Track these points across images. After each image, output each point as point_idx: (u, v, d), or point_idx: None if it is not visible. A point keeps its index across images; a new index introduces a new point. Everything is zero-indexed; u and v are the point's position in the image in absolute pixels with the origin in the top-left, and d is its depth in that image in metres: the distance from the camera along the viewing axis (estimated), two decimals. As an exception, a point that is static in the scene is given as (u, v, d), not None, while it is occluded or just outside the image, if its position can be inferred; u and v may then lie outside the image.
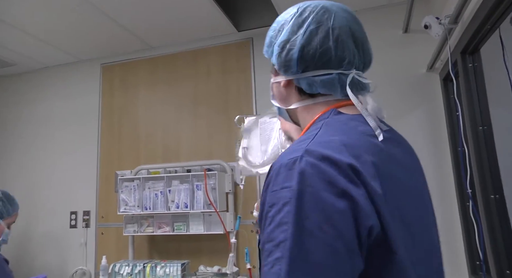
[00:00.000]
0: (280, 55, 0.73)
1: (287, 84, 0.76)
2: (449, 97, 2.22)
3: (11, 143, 3.46)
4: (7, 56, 3.14)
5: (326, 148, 0.57)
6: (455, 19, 1.76)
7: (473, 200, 1.76)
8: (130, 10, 2.49)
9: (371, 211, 0.54)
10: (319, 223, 0.52)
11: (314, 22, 0.70)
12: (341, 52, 0.69)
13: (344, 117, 0.67)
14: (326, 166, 0.55)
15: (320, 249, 0.51)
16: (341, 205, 0.53)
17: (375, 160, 0.59)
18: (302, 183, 0.54)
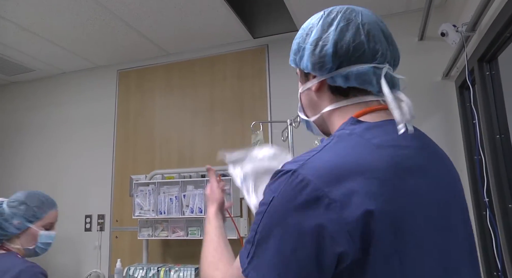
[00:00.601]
0: (314, 52, 0.71)
1: (319, 87, 0.74)
2: (465, 105, 2.21)
3: (28, 147, 3.54)
4: (26, 62, 3.23)
5: (316, 170, 0.57)
6: (473, 27, 1.76)
7: (490, 209, 1.75)
8: (149, 18, 2.55)
9: (345, 237, 0.53)
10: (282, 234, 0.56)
11: (343, 20, 0.70)
12: (373, 44, 0.69)
13: (361, 127, 0.65)
14: (309, 188, 0.55)
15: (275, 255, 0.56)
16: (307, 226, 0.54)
17: (377, 177, 0.57)
18: (282, 195, 0.58)
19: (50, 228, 1.52)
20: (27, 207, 1.47)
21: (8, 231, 1.43)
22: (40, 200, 1.51)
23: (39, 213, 1.48)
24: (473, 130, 2.05)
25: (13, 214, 1.45)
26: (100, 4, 2.34)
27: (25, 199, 1.49)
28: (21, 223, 1.45)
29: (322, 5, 2.51)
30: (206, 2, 2.36)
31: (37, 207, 1.49)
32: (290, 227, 0.56)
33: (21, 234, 1.46)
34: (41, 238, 1.48)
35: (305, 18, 2.58)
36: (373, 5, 2.47)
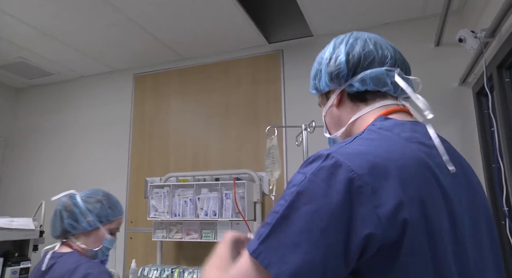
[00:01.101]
0: (329, 64, 0.78)
1: (340, 100, 0.80)
2: (483, 112, 2.18)
3: (45, 149, 3.62)
4: (46, 65, 3.31)
5: (350, 155, 0.59)
6: (492, 33, 1.74)
7: (509, 219, 1.72)
8: (165, 23, 2.59)
9: (373, 220, 0.53)
10: (311, 213, 0.55)
11: (351, 38, 0.79)
12: (381, 51, 0.76)
13: (390, 123, 0.69)
14: (342, 169, 0.56)
15: (301, 234, 0.54)
16: (337, 205, 0.54)
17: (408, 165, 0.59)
18: (315, 175, 0.57)
19: (113, 233, 1.45)
20: (102, 206, 1.42)
21: (81, 225, 1.38)
22: (113, 202, 1.46)
23: (111, 216, 1.43)
24: (491, 138, 2.03)
25: (88, 210, 1.40)
26: (118, 9, 2.39)
27: (102, 198, 1.44)
28: (93, 220, 1.39)
29: (337, 11, 2.54)
30: (221, 7, 2.39)
31: (111, 208, 1.44)
32: (322, 205, 0.55)
33: (89, 233, 1.39)
34: (106, 242, 1.41)
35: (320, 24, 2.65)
36: (389, 11, 2.47)
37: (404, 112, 0.75)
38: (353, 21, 2.60)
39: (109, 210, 1.43)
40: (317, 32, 2.74)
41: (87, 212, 1.39)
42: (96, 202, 1.42)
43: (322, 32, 2.74)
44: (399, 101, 0.76)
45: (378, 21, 2.61)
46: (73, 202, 1.41)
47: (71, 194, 1.45)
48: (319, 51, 0.85)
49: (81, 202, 1.41)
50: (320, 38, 2.79)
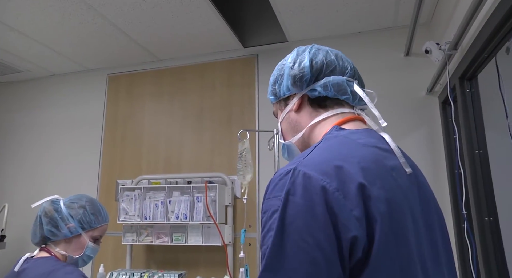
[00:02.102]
0: (293, 67, 0.81)
1: (300, 105, 0.82)
2: (447, 120, 2.28)
3: (14, 150, 3.50)
4: (15, 62, 3.21)
5: (314, 165, 0.61)
6: (455, 46, 1.83)
7: (468, 222, 1.80)
8: (141, 24, 2.57)
9: (353, 223, 0.56)
10: (300, 232, 0.56)
11: (314, 48, 0.83)
12: (342, 63, 0.81)
13: (345, 132, 0.72)
14: (312, 180, 0.58)
15: (298, 256, 0.55)
16: (322, 216, 0.56)
17: (370, 167, 0.62)
18: (290, 193, 0.59)
19: (97, 241, 1.40)
20: (85, 212, 1.37)
21: (62, 231, 1.33)
22: (98, 209, 1.41)
23: (94, 222, 1.38)
24: (454, 145, 2.12)
25: (70, 216, 1.35)
26: (93, 8, 2.36)
27: (85, 204, 1.39)
28: (75, 227, 1.35)
29: (312, 19, 2.59)
30: (198, 10, 2.40)
31: (95, 215, 1.38)
32: (307, 222, 0.56)
33: (70, 240, 1.35)
34: (88, 250, 1.36)
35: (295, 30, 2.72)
36: (362, 20, 2.55)
37: (359, 120, 0.79)
38: (327, 29, 2.67)
39: (92, 216, 1.38)
40: (292, 38, 2.79)
41: (69, 218, 1.35)
42: (79, 207, 1.38)
43: (296, 38, 2.79)
44: (355, 110, 0.80)
45: (351, 30, 2.69)
46: (55, 207, 1.37)
47: (54, 199, 1.41)
48: None
49: (63, 207, 1.37)
50: (294, 44, 2.83)
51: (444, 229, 0.75)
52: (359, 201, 0.57)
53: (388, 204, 0.59)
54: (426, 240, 0.66)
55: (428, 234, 0.67)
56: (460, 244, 2.08)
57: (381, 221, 0.57)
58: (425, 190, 0.74)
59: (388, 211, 0.59)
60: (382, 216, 0.57)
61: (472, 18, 1.54)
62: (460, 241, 2.08)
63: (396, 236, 0.58)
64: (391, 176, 0.64)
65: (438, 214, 0.74)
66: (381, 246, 0.56)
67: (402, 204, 0.62)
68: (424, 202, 0.71)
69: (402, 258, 0.59)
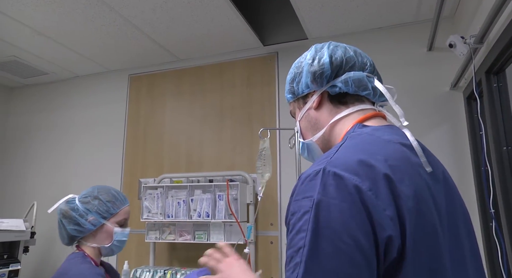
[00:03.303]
0: (312, 64, 0.79)
1: (319, 103, 0.80)
2: (473, 116, 2.22)
3: (38, 149, 3.61)
4: (40, 65, 3.30)
5: (343, 164, 0.60)
6: (481, 39, 1.77)
7: (496, 220, 1.75)
8: (161, 24, 2.60)
9: (387, 222, 0.55)
10: (338, 232, 0.54)
11: (332, 44, 0.82)
12: (361, 58, 0.79)
13: (368, 128, 0.71)
14: (345, 180, 0.57)
15: (337, 258, 0.53)
16: (359, 216, 0.55)
17: (397, 164, 0.61)
18: (323, 194, 0.57)
19: (124, 224, 1.44)
20: (100, 202, 1.39)
21: (85, 227, 1.36)
22: (112, 194, 1.43)
23: (112, 209, 1.40)
24: (480, 142, 2.06)
25: (87, 210, 1.38)
26: (114, 10, 2.40)
27: (98, 194, 1.41)
28: (96, 219, 1.37)
29: (332, 15, 2.57)
30: (217, 9, 2.41)
31: (110, 202, 1.41)
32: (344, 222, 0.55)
33: (96, 232, 1.38)
34: (116, 235, 1.39)
35: (315, 27, 2.70)
36: (383, 15, 2.50)
37: (380, 117, 0.77)
38: (347, 25, 2.63)
39: (109, 203, 1.40)
40: (312, 35, 2.77)
41: (88, 213, 1.37)
42: (93, 199, 1.40)
43: (316, 35, 2.77)
44: (376, 106, 0.78)
45: (372, 25, 2.64)
46: (70, 206, 1.40)
47: (69, 199, 1.43)
48: None
49: (79, 204, 1.39)
50: (314, 41, 2.79)
51: (471, 231, 0.72)
52: (390, 200, 0.56)
53: (417, 201, 0.58)
54: (451, 239, 0.64)
55: (453, 233, 0.65)
56: (488, 244, 2.03)
57: (410, 219, 0.56)
58: (451, 190, 0.72)
59: (416, 208, 0.57)
60: (411, 214, 0.56)
61: (500, 10, 1.49)
62: (488, 240, 2.03)
63: (426, 234, 0.57)
64: (418, 173, 0.63)
65: (464, 216, 0.72)
66: (412, 245, 0.55)
67: (429, 202, 0.61)
68: (450, 202, 0.69)
69: (433, 256, 0.57)
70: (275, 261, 2.61)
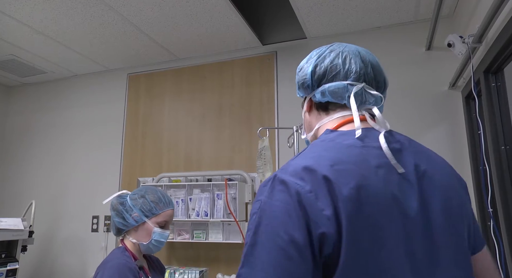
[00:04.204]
0: (298, 74, 0.86)
1: (309, 107, 0.86)
2: (471, 115, 2.22)
3: (37, 148, 3.61)
4: (39, 63, 3.30)
5: (290, 171, 0.66)
6: (479, 39, 1.78)
7: (494, 220, 1.76)
8: (160, 23, 2.60)
9: (323, 221, 0.60)
10: (276, 230, 0.61)
11: (326, 50, 0.83)
12: (348, 65, 0.79)
13: (334, 134, 0.75)
14: (288, 185, 0.64)
15: (273, 252, 0.60)
16: (296, 216, 0.61)
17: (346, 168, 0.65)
18: (268, 197, 0.65)
19: (164, 226, 1.52)
20: (145, 201, 1.49)
21: (128, 222, 1.47)
22: (158, 196, 1.53)
23: (155, 209, 1.50)
24: (478, 141, 2.06)
25: (133, 206, 1.48)
26: (113, 9, 2.40)
27: (145, 193, 1.52)
28: (139, 216, 1.47)
29: (331, 14, 2.56)
30: (216, 8, 2.41)
31: (155, 202, 1.50)
32: (282, 220, 0.61)
33: (138, 228, 1.48)
34: (155, 235, 1.48)
35: (314, 26, 2.70)
36: (382, 14, 2.50)
37: (363, 120, 0.77)
38: (346, 24, 2.63)
39: (153, 203, 1.50)
40: (311, 34, 2.77)
41: (133, 209, 1.48)
42: (139, 197, 1.51)
43: (315, 34, 2.77)
44: (360, 111, 0.78)
45: (371, 25, 2.65)
46: (120, 201, 1.51)
47: (122, 194, 1.55)
48: None
49: (128, 200, 1.51)
50: (313, 41, 2.81)
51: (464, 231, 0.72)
52: (329, 201, 0.61)
53: (360, 202, 0.62)
54: (423, 239, 0.66)
55: (426, 233, 0.66)
56: (486, 243, 2.03)
57: (348, 218, 0.60)
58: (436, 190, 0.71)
59: (356, 209, 0.61)
60: (349, 214, 0.60)
61: (499, 10, 1.49)
62: (486, 240, 2.03)
63: (370, 234, 0.61)
64: (375, 174, 0.66)
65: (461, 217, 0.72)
66: (350, 243, 0.59)
67: (382, 203, 0.63)
68: (428, 202, 0.69)
69: (379, 255, 0.61)
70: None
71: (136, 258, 1.47)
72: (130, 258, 1.44)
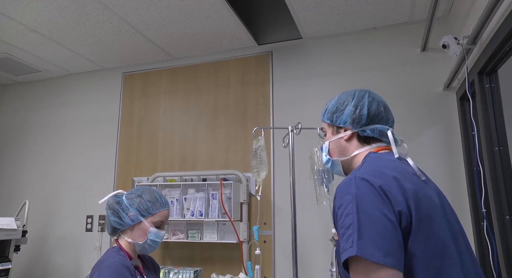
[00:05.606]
0: (355, 112, 1.09)
1: (349, 137, 1.10)
2: (466, 116, 2.23)
3: (31, 147, 3.58)
4: (33, 62, 3.27)
5: (367, 174, 0.91)
6: (474, 40, 1.79)
7: (487, 220, 1.77)
8: (155, 23, 2.59)
9: (398, 202, 0.85)
10: (371, 210, 0.84)
11: (369, 97, 1.11)
12: (387, 114, 1.11)
13: (379, 154, 1.05)
14: (369, 180, 0.89)
15: (375, 224, 0.83)
16: (381, 198, 0.86)
17: (399, 171, 0.93)
18: (357, 190, 0.88)
19: (160, 226, 1.52)
20: (142, 200, 1.50)
21: (124, 221, 1.47)
22: (155, 196, 1.53)
23: (152, 209, 1.50)
24: (472, 142, 2.08)
25: (129, 206, 1.48)
26: (108, 8, 2.39)
27: (142, 193, 1.52)
28: (135, 215, 1.47)
29: (326, 15, 2.56)
30: (212, 8, 2.40)
31: (151, 202, 1.51)
32: (374, 202, 0.85)
33: (134, 227, 1.48)
34: (151, 234, 1.48)
35: (309, 27, 2.73)
36: (377, 15, 2.51)
37: (387, 149, 1.08)
38: (342, 25, 2.64)
39: (149, 203, 1.50)
40: (307, 35, 2.77)
41: (129, 208, 1.48)
42: (136, 197, 1.51)
43: (311, 35, 2.77)
44: (386, 143, 1.10)
45: (366, 25, 2.65)
46: (117, 200, 1.51)
47: (118, 194, 1.55)
48: (308, 53, 0.96)
49: (125, 199, 1.51)
50: (309, 41, 2.82)
51: (462, 230, 0.97)
52: (399, 191, 0.87)
53: (416, 192, 0.88)
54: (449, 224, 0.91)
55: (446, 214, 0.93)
56: (479, 243, 2.04)
57: (413, 201, 0.86)
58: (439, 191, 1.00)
59: (416, 196, 0.87)
60: (413, 199, 0.86)
61: (493, 11, 1.50)
62: (480, 239, 2.04)
63: (425, 212, 0.86)
64: (415, 176, 0.95)
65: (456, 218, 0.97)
66: (416, 217, 0.85)
67: (424, 194, 0.90)
68: (440, 196, 0.98)
69: (433, 227, 0.86)
70: (268, 260, 2.61)
71: (131, 258, 1.47)
72: (125, 258, 1.44)
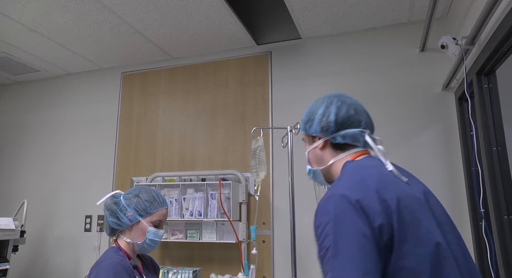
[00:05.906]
0: (322, 120, 1.06)
1: (323, 146, 1.08)
2: (464, 117, 2.24)
3: (30, 147, 3.57)
4: (32, 62, 3.27)
5: (345, 188, 0.89)
6: (472, 40, 1.79)
7: (486, 220, 1.77)
8: (154, 22, 2.59)
9: (378, 216, 0.82)
10: (348, 231, 0.81)
11: (339, 101, 1.07)
12: (359, 117, 1.05)
13: (356, 162, 1.01)
14: (348, 196, 0.85)
15: (353, 245, 0.80)
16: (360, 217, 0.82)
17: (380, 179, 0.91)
18: (335, 210, 0.85)
19: (158, 226, 1.52)
20: (139, 200, 1.49)
21: (122, 221, 1.47)
22: (152, 195, 1.53)
23: (150, 208, 1.49)
24: (471, 142, 2.08)
25: (127, 206, 1.48)
26: (107, 7, 2.39)
27: (139, 192, 1.52)
28: (133, 215, 1.47)
29: (325, 15, 2.57)
30: (211, 8, 2.40)
31: (149, 201, 1.50)
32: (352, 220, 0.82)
33: (132, 227, 1.48)
34: (149, 234, 1.48)
35: (308, 27, 2.73)
36: (376, 16, 2.52)
37: (366, 154, 1.06)
38: (340, 25, 2.64)
39: (147, 202, 1.50)
40: (305, 35, 2.77)
41: (127, 208, 1.48)
42: (133, 197, 1.50)
43: (310, 35, 2.78)
44: (364, 148, 1.07)
45: (365, 26, 2.66)
46: (114, 201, 1.51)
47: (115, 194, 1.54)
48: (307, 53, 0.94)
49: (122, 199, 1.50)
50: (308, 41, 2.82)
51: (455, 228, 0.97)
52: (378, 203, 0.84)
53: (399, 200, 0.85)
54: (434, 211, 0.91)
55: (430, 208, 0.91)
56: (477, 242, 2.05)
57: (396, 213, 0.83)
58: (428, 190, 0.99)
59: (400, 203, 0.85)
60: (396, 210, 0.83)
61: (491, 12, 1.50)
62: (478, 239, 2.05)
63: (413, 216, 0.84)
64: (396, 179, 0.93)
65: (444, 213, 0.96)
66: (398, 228, 0.82)
67: (409, 195, 0.88)
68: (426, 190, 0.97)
69: (423, 229, 0.84)
70: (267, 260, 2.61)
71: (130, 258, 1.47)
72: (124, 258, 1.44)
